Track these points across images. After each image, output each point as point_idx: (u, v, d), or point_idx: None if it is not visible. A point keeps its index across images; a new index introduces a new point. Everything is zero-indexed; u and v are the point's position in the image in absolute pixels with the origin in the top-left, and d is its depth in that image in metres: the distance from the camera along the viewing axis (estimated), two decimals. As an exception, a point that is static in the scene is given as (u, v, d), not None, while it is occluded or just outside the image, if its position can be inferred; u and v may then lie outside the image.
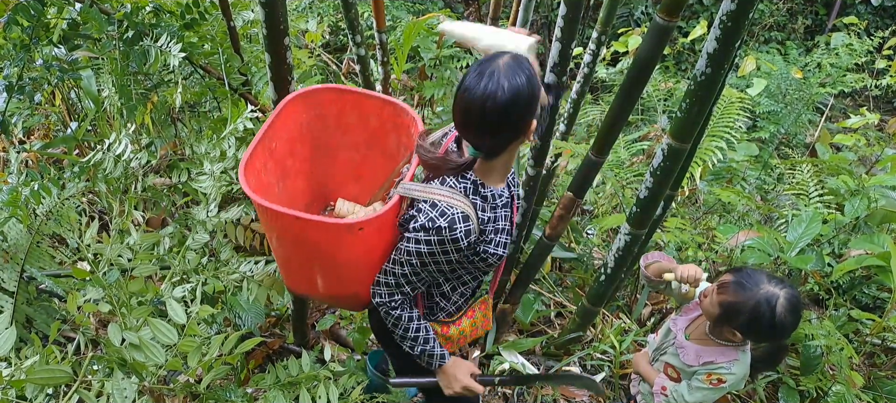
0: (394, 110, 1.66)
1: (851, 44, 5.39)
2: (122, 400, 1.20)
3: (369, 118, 1.69)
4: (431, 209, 1.38)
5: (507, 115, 1.28)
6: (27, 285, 1.84)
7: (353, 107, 1.67)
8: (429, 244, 1.38)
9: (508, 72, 1.26)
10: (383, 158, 1.73)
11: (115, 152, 1.73)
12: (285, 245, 1.52)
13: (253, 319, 2.38)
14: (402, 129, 1.67)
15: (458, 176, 1.43)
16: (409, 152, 1.66)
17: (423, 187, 1.43)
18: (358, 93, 1.67)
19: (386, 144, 1.72)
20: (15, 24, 1.63)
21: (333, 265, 1.51)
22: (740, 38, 1.54)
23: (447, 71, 3.10)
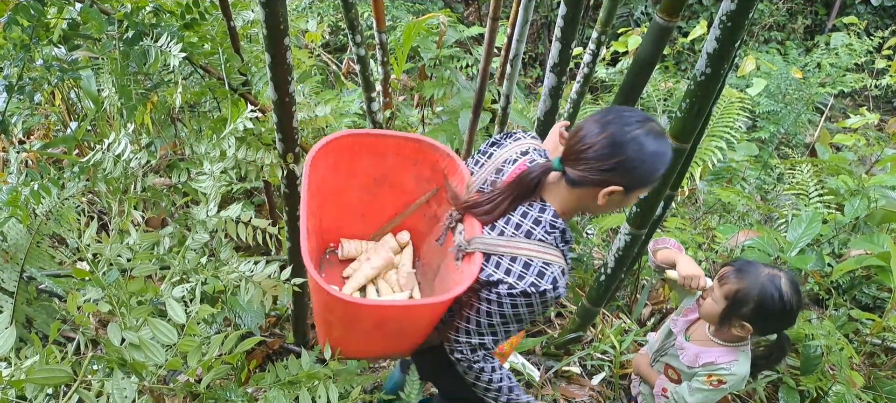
0: (417, 147, 1.59)
1: (851, 44, 5.40)
2: (122, 400, 1.20)
3: (386, 156, 1.61)
4: (526, 270, 1.26)
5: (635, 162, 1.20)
6: (27, 285, 1.84)
7: (369, 150, 1.59)
8: (529, 306, 1.28)
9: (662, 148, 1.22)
10: (394, 193, 1.67)
11: (115, 152, 1.73)
12: (359, 329, 1.44)
13: (253, 319, 2.38)
14: (425, 164, 1.60)
15: (545, 226, 1.31)
16: (433, 186, 1.61)
17: (510, 242, 1.31)
18: (375, 135, 1.58)
19: (401, 180, 1.65)
20: (15, 23, 1.63)
21: (406, 332, 1.46)
22: (740, 38, 1.54)
23: (447, 71, 3.10)
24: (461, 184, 1.48)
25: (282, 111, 1.69)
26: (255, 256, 1.76)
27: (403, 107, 3.55)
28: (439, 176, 1.58)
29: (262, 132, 2.16)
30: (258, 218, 1.66)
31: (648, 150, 1.20)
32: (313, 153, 1.46)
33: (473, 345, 1.38)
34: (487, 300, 1.31)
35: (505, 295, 1.27)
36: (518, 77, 2.42)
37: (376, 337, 1.48)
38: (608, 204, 1.27)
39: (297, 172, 1.89)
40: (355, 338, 1.50)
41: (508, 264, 1.29)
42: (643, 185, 1.26)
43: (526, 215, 1.33)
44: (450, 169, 1.55)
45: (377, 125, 2.77)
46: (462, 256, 1.37)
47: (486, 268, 1.31)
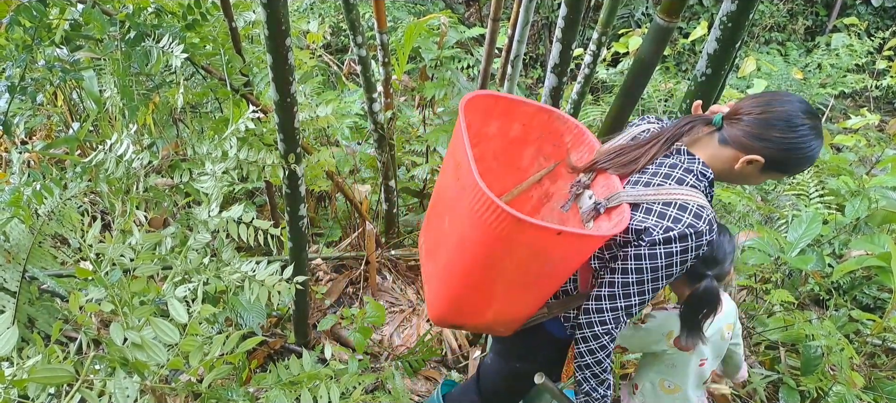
0: (547, 117, 1.55)
1: (852, 44, 5.40)
2: (124, 400, 1.20)
3: (512, 126, 1.56)
4: (682, 212, 1.24)
5: (786, 143, 1.23)
6: (29, 285, 1.84)
7: (501, 114, 1.54)
8: (684, 252, 1.24)
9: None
10: (508, 171, 1.62)
11: (117, 153, 1.74)
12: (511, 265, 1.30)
13: (254, 319, 2.38)
14: (548, 138, 1.57)
15: (696, 174, 1.31)
16: (552, 162, 1.59)
17: (660, 190, 1.29)
18: (511, 99, 1.53)
19: (519, 157, 1.61)
20: (17, 24, 1.63)
21: (544, 281, 1.37)
22: (741, 39, 1.55)
23: (448, 71, 3.10)
24: (590, 154, 1.48)
25: (283, 112, 1.69)
26: (256, 256, 1.77)
27: (404, 108, 3.55)
28: (560, 151, 1.56)
29: (263, 132, 2.17)
30: (260, 218, 1.66)
31: (806, 143, 1.24)
32: (464, 104, 1.40)
33: (617, 312, 1.32)
34: (637, 254, 1.26)
35: (659, 242, 1.23)
36: (519, 78, 2.43)
37: (520, 281, 1.35)
38: (742, 173, 1.31)
39: (298, 173, 1.89)
40: (493, 284, 1.36)
41: (661, 208, 1.26)
42: (782, 170, 1.30)
43: (675, 166, 1.33)
44: (576, 141, 1.53)
45: (378, 125, 2.78)
46: (598, 215, 1.35)
47: (635, 217, 1.28)
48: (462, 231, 1.30)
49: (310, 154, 2.52)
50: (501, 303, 1.43)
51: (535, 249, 1.24)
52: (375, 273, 3.04)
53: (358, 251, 3.16)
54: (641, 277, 1.28)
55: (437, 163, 3.34)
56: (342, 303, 2.99)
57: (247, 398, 1.53)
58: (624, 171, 1.38)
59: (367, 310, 2.58)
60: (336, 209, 3.47)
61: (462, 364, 2.71)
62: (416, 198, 3.62)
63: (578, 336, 1.40)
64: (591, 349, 1.38)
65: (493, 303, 1.43)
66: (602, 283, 1.35)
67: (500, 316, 1.47)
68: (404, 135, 3.47)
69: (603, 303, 1.34)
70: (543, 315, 1.50)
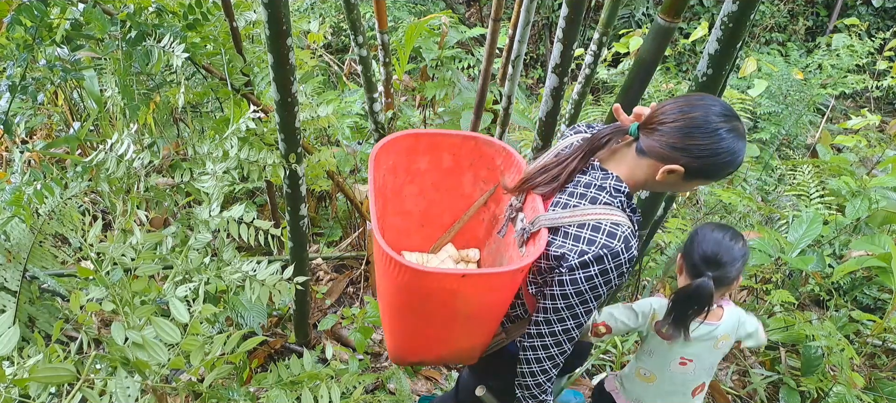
0: (474, 145, 1.57)
1: (852, 45, 5.40)
2: (125, 399, 1.21)
3: (443, 158, 1.59)
4: (595, 233, 1.23)
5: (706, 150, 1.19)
6: (30, 284, 1.85)
7: (427, 149, 1.57)
8: (604, 273, 1.23)
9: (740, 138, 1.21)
10: (452, 198, 1.65)
11: (118, 152, 1.74)
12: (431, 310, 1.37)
13: (255, 318, 2.38)
14: (481, 163, 1.59)
15: (609, 190, 1.29)
16: (491, 185, 1.60)
17: (575, 211, 1.28)
18: (433, 134, 1.57)
19: (459, 183, 1.63)
20: (18, 24, 1.63)
21: (479, 316, 1.40)
22: (741, 40, 1.55)
23: (448, 71, 3.10)
24: (519, 175, 1.48)
25: (284, 111, 1.70)
26: (257, 256, 1.77)
27: (405, 108, 3.55)
28: (496, 174, 1.56)
29: (264, 132, 2.17)
30: (260, 218, 1.66)
31: (723, 145, 1.20)
32: (375, 152, 1.44)
33: (556, 336, 1.32)
34: (559, 280, 1.27)
35: (577, 267, 1.23)
36: (519, 78, 2.43)
37: (449, 324, 1.40)
38: (665, 183, 1.27)
39: (299, 172, 1.89)
40: (426, 328, 1.43)
41: (576, 231, 1.26)
42: (705, 176, 1.26)
43: (589, 184, 1.32)
44: (506, 163, 1.53)
45: (379, 125, 2.78)
46: (526, 239, 1.35)
47: (553, 242, 1.28)
48: (384, 286, 1.38)
49: (310, 154, 2.52)
50: (446, 341, 1.48)
51: (450, 292, 1.28)
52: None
53: (358, 250, 3.16)
54: (568, 301, 1.28)
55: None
56: (343, 303, 2.99)
57: (247, 397, 1.53)
58: (547, 190, 1.36)
59: (368, 310, 2.58)
60: (337, 209, 3.47)
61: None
62: (416, 198, 3.62)
63: (521, 358, 1.41)
64: (533, 371, 1.40)
65: (437, 342, 1.49)
66: (537, 309, 1.36)
67: (450, 351, 1.53)
68: (405, 134, 3.46)
69: (541, 328, 1.34)
70: (502, 340, 1.52)
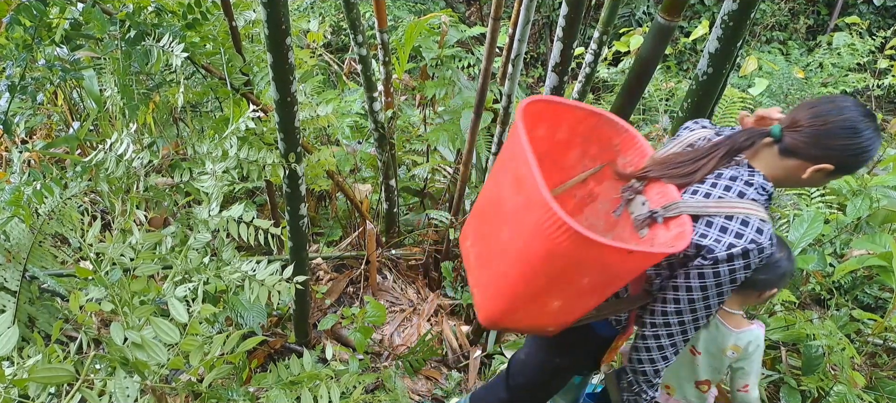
0: (596, 121, 1.52)
1: (853, 43, 5.39)
2: (125, 399, 1.20)
3: (560, 128, 1.54)
4: (744, 227, 1.25)
5: (854, 149, 1.24)
6: (29, 284, 1.84)
7: (549, 117, 1.52)
8: (746, 267, 1.25)
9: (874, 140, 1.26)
10: (552, 171, 1.58)
11: (117, 152, 1.74)
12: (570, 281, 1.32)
13: (255, 318, 2.38)
14: (594, 141, 1.55)
15: (757, 187, 1.31)
16: (598, 163, 1.57)
17: (721, 203, 1.29)
18: (560, 104, 1.51)
19: (564, 157, 1.59)
20: (17, 23, 1.63)
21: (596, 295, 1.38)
22: (742, 38, 1.54)
23: (448, 70, 3.10)
24: (640, 158, 1.47)
25: (284, 111, 1.69)
26: (256, 256, 1.77)
27: (405, 107, 3.55)
28: (607, 154, 1.54)
29: (263, 132, 2.17)
30: (260, 217, 1.66)
31: (870, 145, 1.26)
32: (521, 112, 1.38)
33: (684, 325, 1.34)
34: (700, 272, 1.27)
35: (723, 259, 1.24)
36: (520, 77, 2.42)
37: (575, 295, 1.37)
38: (810, 180, 1.30)
39: (298, 172, 1.89)
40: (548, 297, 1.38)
41: (723, 222, 1.26)
42: (847, 171, 1.30)
43: (735, 178, 1.33)
44: (625, 144, 1.51)
45: (378, 124, 2.78)
46: (654, 223, 1.34)
47: (696, 228, 1.28)
48: (526, 244, 1.29)
49: (310, 153, 2.52)
50: (557, 310, 1.44)
51: (602, 265, 1.26)
52: (376, 272, 3.03)
53: (358, 250, 3.16)
54: (706, 292, 1.29)
55: (438, 163, 3.34)
56: (343, 303, 2.99)
57: (247, 397, 1.53)
58: (681, 182, 1.38)
59: (368, 310, 2.58)
60: (336, 208, 3.47)
61: (462, 363, 2.71)
62: (416, 198, 3.62)
63: (642, 345, 1.43)
64: (652, 358, 1.41)
65: (549, 310, 1.44)
66: (665, 299, 1.36)
67: (553, 320, 1.49)
68: (405, 134, 3.47)
69: (669, 317, 1.35)
70: (593, 316, 1.51)
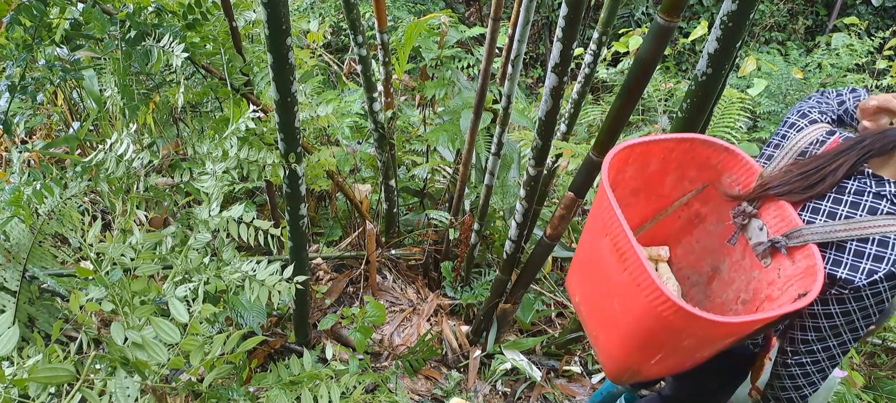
0: (689, 146, 1.46)
1: (852, 44, 5.39)
2: (125, 399, 1.20)
3: (650, 163, 1.50)
4: (883, 249, 1.10)
5: None
6: (29, 284, 1.84)
7: (637, 159, 1.49)
8: (893, 289, 1.11)
9: None
10: (649, 201, 1.58)
11: (118, 152, 1.74)
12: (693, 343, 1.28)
13: (255, 318, 2.38)
14: (691, 163, 1.50)
15: (889, 198, 1.14)
16: (698, 185, 1.49)
17: (851, 224, 1.15)
18: (645, 143, 1.46)
19: (659, 185, 1.55)
20: (17, 23, 1.63)
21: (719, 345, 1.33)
22: (741, 39, 1.54)
23: (448, 71, 3.10)
24: (748, 176, 1.37)
25: (284, 111, 1.69)
26: (256, 256, 1.77)
27: (405, 108, 3.55)
28: (709, 173, 1.46)
29: (264, 132, 2.17)
30: (260, 218, 1.66)
31: None
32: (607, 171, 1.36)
33: (831, 351, 1.20)
34: (838, 298, 1.15)
35: (864, 286, 1.11)
36: (519, 77, 2.42)
37: (699, 353, 1.34)
38: None
39: (298, 172, 1.89)
40: (672, 360, 1.36)
41: (857, 246, 1.13)
42: None
43: (862, 192, 1.18)
44: (727, 163, 1.43)
45: (378, 125, 2.78)
46: (778, 251, 1.23)
47: (827, 255, 1.16)
48: (638, 323, 1.27)
49: (310, 153, 2.52)
50: (684, 364, 1.42)
51: (730, 332, 1.21)
52: (376, 272, 3.04)
53: (358, 250, 3.16)
54: (850, 318, 1.16)
55: (437, 163, 3.34)
56: (342, 303, 2.99)
57: (247, 397, 1.53)
58: (802, 197, 1.24)
59: (368, 310, 2.58)
60: (336, 208, 3.47)
61: (462, 363, 2.71)
62: (416, 198, 3.62)
63: (785, 374, 1.31)
64: (798, 386, 1.30)
65: (675, 367, 1.42)
66: (805, 327, 1.23)
67: (679, 369, 1.46)
68: (404, 134, 3.47)
69: (813, 345, 1.23)
70: (727, 345, 1.44)
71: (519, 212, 2.34)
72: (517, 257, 2.55)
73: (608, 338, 1.44)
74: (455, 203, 2.95)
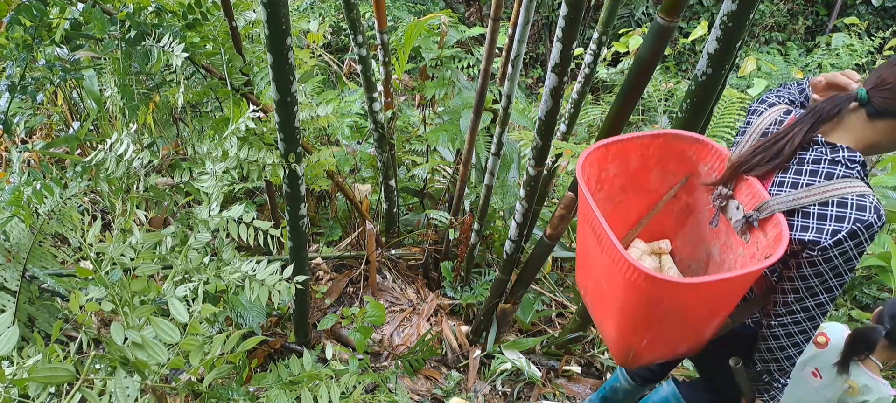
0: (662, 141, 1.55)
1: (852, 44, 5.39)
2: (125, 399, 1.20)
3: (630, 159, 1.58)
4: (843, 209, 1.19)
5: None
6: (29, 284, 1.84)
7: (615, 155, 1.57)
8: (859, 247, 1.18)
9: None
10: (639, 196, 1.64)
11: (118, 152, 1.74)
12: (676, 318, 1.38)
13: (255, 318, 2.38)
14: (670, 157, 1.58)
15: (844, 162, 1.23)
16: (680, 177, 1.58)
17: (811, 190, 1.24)
18: (622, 139, 1.55)
19: (646, 180, 1.62)
20: (18, 23, 1.63)
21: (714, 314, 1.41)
22: (741, 39, 1.54)
23: (448, 71, 3.10)
24: (721, 162, 1.45)
25: (284, 111, 1.69)
26: (256, 256, 1.77)
27: (405, 108, 3.55)
28: (687, 165, 1.55)
29: (263, 132, 2.17)
30: (260, 218, 1.66)
31: None
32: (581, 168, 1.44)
33: (810, 311, 1.28)
34: (809, 261, 1.23)
35: (831, 246, 1.19)
36: (519, 77, 2.42)
37: (693, 324, 1.42)
38: None
39: (298, 172, 1.89)
40: (668, 332, 1.44)
41: (819, 210, 1.21)
42: None
43: (818, 160, 1.27)
44: (700, 153, 1.52)
45: (378, 125, 2.78)
46: (751, 227, 1.32)
47: (793, 225, 1.24)
48: (623, 299, 1.36)
49: (310, 153, 2.52)
50: (680, 341, 1.49)
51: (703, 297, 1.30)
52: (376, 272, 3.04)
53: (358, 250, 3.16)
54: (823, 278, 1.24)
55: (437, 163, 3.34)
56: (342, 303, 2.99)
57: (247, 397, 1.53)
58: (766, 170, 1.34)
59: (368, 310, 2.58)
60: (336, 208, 3.47)
61: (462, 363, 2.71)
62: (416, 198, 3.62)
63: (769, 335, 1.39)
64: (783, 346, 1.38)
65: (671, 343, 1.50)
66: (784, 290, 1.32)
67: (680, 349, 1.55)
68: (404, 134, 3.47)
69: (792, 306, 1.31)
70: (728, 326, 1.50)
71: (519, 212, 2.34)
72: (517, 257, 2.55)
73: (607, 322, 1.53)
74: (455, 203, 2.95)
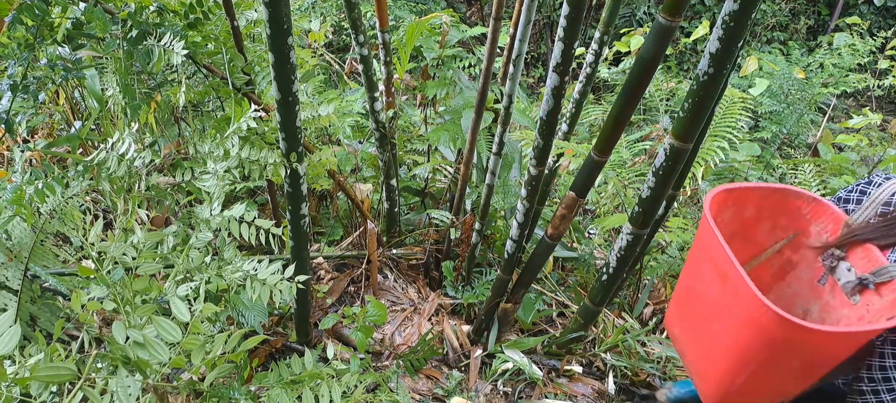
0: (782, 196, 1.59)
1: (854, 44, 5.38)
2: (126, 398, 1.21)
3: (746, 208, 1.62)
4: None
5: None
6: (31, 283, 1.85)
7: (734, 202, 1.60)
8: None
9: None
10: (745, 246, 1.66)
11: (119, 151, 1.74)
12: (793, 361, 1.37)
13: (256, 317, 2.38)
14: (784, 212, 1.62)
15: None
16: (789, 233, 1.61)
17: None
18: (744, 188, 1.59)
19: (754, 232, 1.65)
20: (19, 23, 1.63)
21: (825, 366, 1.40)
22: (743, 39, 1.54)
23: (449, 70, 3.10)
24: (835, 224, 1.50)
25: (285, 110, 1.69)
26: (258, 255, 1.77)
27: (406, 107, 3.55)
28: (799, 222, 1.59)
29: (265, 131, 2.17)
30: (261, 217, 1.66)
31: None
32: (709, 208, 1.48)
33: (893, 386, 1.29)
34: None
35: None
36: (520, 77, 2.42)
37: (799, 374, 1.42)
38: None
39: (299, 171, 1.89)
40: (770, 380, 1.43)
41: None
42: None
43: None
44: (816, 212, 1.55)
45: (379, 124, 2.78)
46: (867, 287, 1.36)
47: None
48: (739, 334, 1.37)
49: (311, 153, 2.52)
50: (781, 390, 1.49)
51: (822, 348, 1.30)
52: (377, 272, 3.04)
53: (359, 250, 3.16)
54: None
55: (439, 163, 3.34)
56: (344, 302, 3.00)
57: (248, 396, 1.53)
58: (887, 242, 1.37)
59: (369, 309, 2.58)
60: (337, 208, 3.47)
61: (463, 363, 2.71)
62: (417, 197, 3.62)
63: (858, 400, 1.38)
64: None
65: (772, 391, 1.50)
66: (883, 354, 1.32)
67: (777, 398, 1.54)
68: (406, 134, 3.47)
69: (889, 373, 1.31)
70: (819, 383, 1.51)
71: (520, 212, 2.34)
72: (518, 257, 2.54)
73: (710, 361, 1.52)
74: (456, 202, 2.95)
